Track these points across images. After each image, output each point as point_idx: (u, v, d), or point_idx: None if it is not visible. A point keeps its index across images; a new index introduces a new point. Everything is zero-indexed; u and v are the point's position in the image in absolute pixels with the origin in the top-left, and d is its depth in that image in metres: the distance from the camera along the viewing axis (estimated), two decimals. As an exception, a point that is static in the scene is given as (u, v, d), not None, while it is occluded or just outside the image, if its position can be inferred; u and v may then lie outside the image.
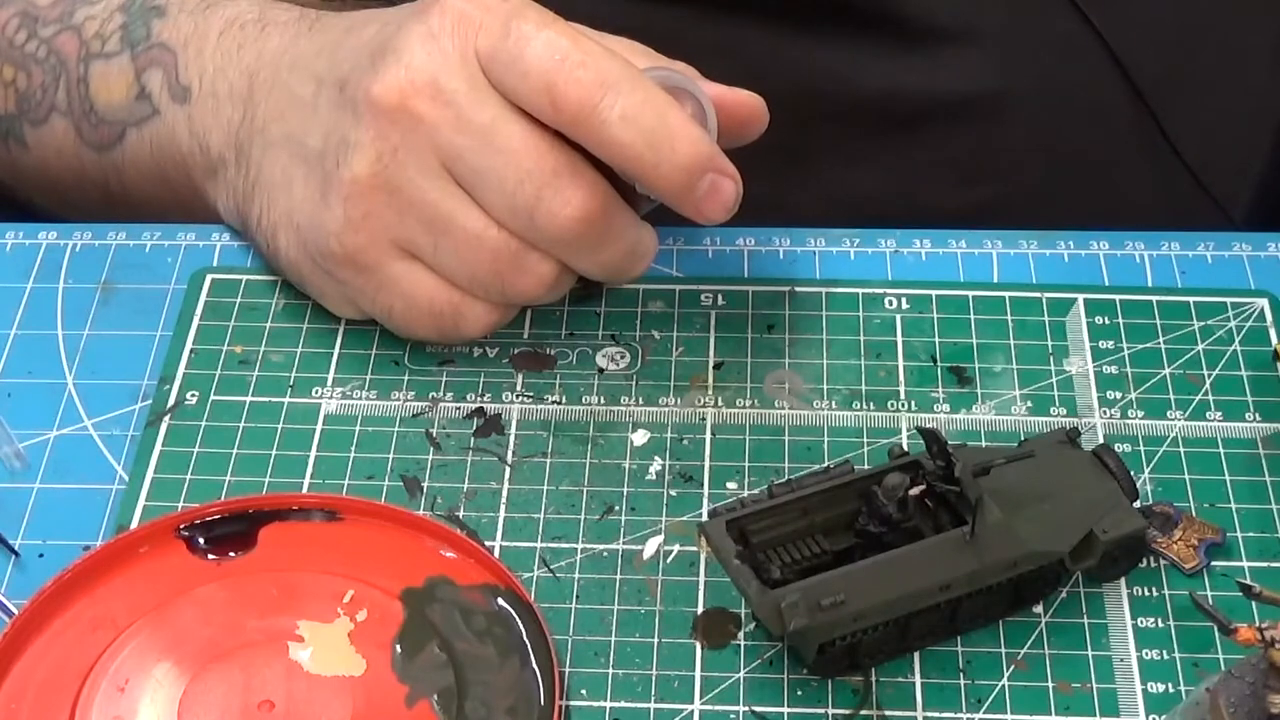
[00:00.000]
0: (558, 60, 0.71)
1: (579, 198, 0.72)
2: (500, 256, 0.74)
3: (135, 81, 0.83)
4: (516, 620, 0.68)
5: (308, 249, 0.77)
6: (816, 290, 0.81)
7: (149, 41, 0.84)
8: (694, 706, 0.67)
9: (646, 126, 0.71)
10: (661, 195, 0.73)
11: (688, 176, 0.72)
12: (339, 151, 0.74)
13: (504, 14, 0.73)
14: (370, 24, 0.77)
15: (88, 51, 0.85)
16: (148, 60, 0.83)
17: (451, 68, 0.73)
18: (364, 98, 0.73)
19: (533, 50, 0.72)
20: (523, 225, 0.73)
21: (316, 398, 0.77)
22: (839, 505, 0.68)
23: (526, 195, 0.72)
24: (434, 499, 0.73)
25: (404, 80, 0.73)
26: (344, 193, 0.74)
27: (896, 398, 0.77)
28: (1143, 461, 0.74)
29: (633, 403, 0.77)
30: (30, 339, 0.80)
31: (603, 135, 0.71)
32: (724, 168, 0.73)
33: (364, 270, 0.75)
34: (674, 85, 0.73)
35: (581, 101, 0.71)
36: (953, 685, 0.67)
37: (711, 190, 0.72)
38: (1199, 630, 0.68)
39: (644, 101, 0.71)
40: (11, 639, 0.67)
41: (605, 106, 0.71)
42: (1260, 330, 0.79)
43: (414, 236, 0.74)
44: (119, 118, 0.84)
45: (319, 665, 0.66)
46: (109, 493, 0.73)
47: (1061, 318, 0.80)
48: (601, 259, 0.75)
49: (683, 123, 0.72)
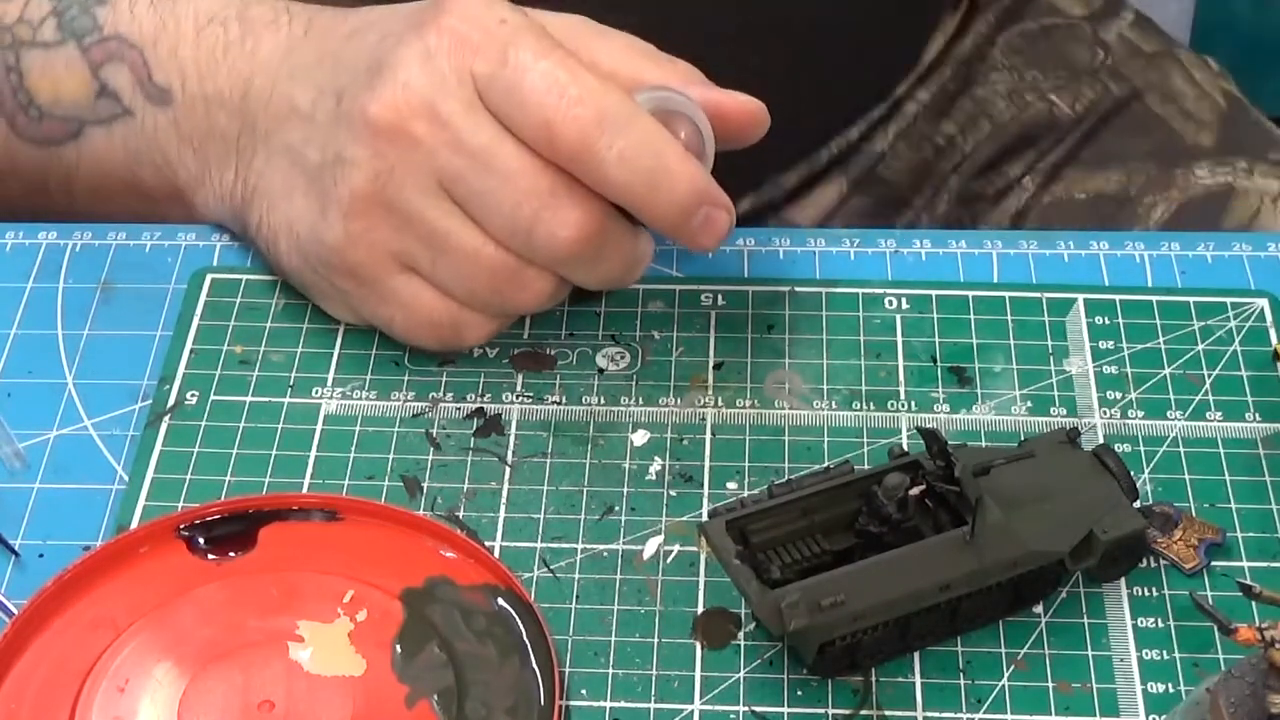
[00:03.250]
0: (556, 95, 0.71)
1: (576, 217, 0.72)
2: (498, 273, 0.74)
3: (93, 77, 0.82)
4: (516, 620, 0.68)
5: (309, 259, 0.77)
6: (816, 290, 0.81)
7: (100, 33, 0.82)
8: (694, 706, 0.67)
9: (644, 166, 0.71)
10: (657, 229, 0.74)
11: (683, 214, 0.73)
12: (336, 167, 0.74)
13: (501, 39, 0.72)
14: (369, 31, 0.77)
15: (14, 38, 0.82)
16: (103, 54, 0.81)
17: (448, 89, 0.73)
18: (360, 115, 0.73)
19: (530, 82, 0.72)
20: (521, 244, 0.73)
21: (316, 398, 0.77)
22: (839, 505, 0.68)
23: (524, 216, 0.72)
24: (434, 499, 0.73)
25: (400, 100, 0.73)
26: (342, 208, 0.74)
27: (896, 398, 0.77)
28: (1143, 461, 0.74)
29: (633, 403, 0.77)
30: (30, 339, 0.80)
31: (600, 174, 0.72)
32: (718, 199, 0.73)
33: (365, 282, 0.76)
34: (670, 110, 0.74)
35: (579, 140, 0.71)
36: (953, 685, 0.67)
37: (706, 223, 0.73)
38: (1199, 630, 0.68)
39: (641, 141, 0.71)
40: (11, 639, 0.67)
41: (603, 146, 0.71)
42: (1260, 330, 0.79)
43: (412, 252, 0.74)
44: (73, 114, 0.82)
45: (319, 665, 0.66)
46: (109, 493, 0.73)
47: (1061, 318, 0.80)
48: (599, 273, 0.75)
49: (679, 160, 0.72)
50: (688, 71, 0.76)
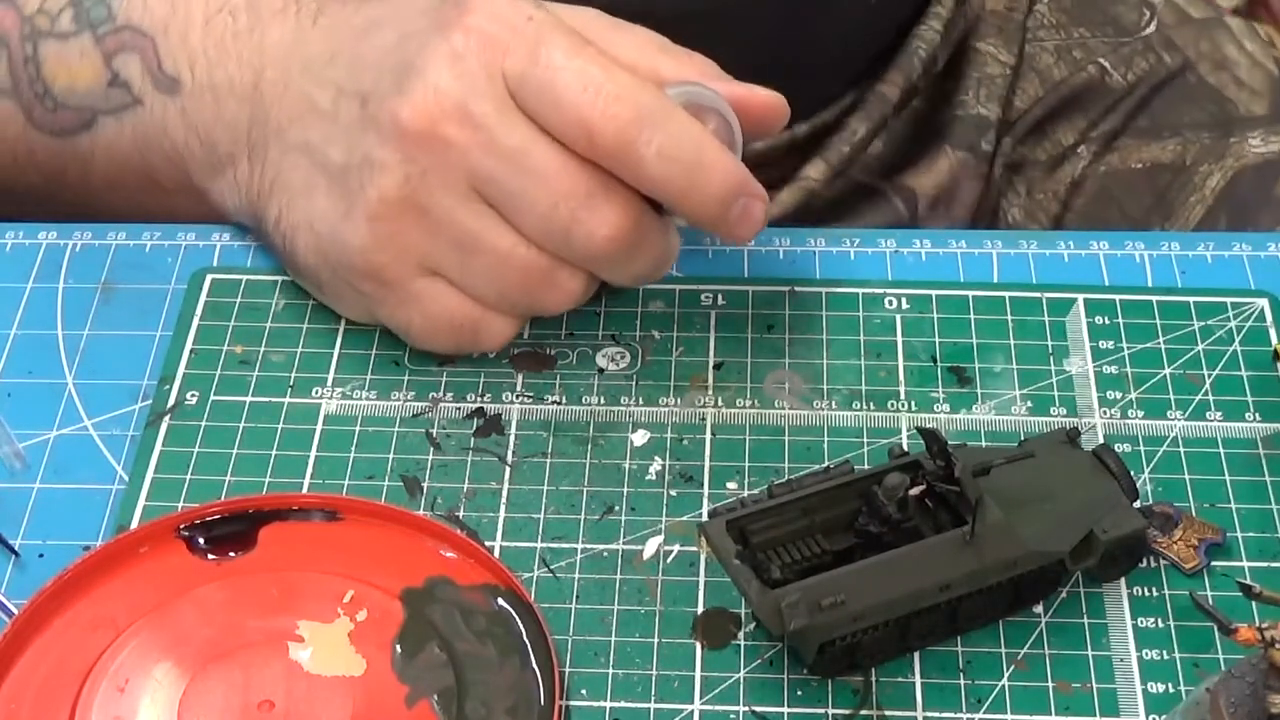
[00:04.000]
0: (592, 93, 0.71)
1: (614, 215, 0.72)
2: (530, 274, 0.74)
3: (105, 66, 0.82)
4: (516, 620, 0.68)
5: (328, 259, 0.76)
6: (816, 290, 0.81)
7: (114, 23, 0.82)
8: (694, 706, 0.67)
9: (683, 162, 0.72)
10: (694, 223, 0.74)
11: (722, 206, 0.73)
12: (363, 170, 0.74)
13: (531, 38, 0.72)
14: (384, 29, 0.76)
15: (33, 29, 0.82)
16: (117, 44, 0.81)
17: (480, 91, 0.72)
18: (390, 120, 0.73)
19: (564, 81, 0.71)
20: (557, 244, 0.73)
21: (316, 398, 0.77)
22: (839, 505, 0.68)
23: (562, 217, 0.72)
24: (434, 499, 0.73)
25: (432, 104, 0.72)
26: (369, 212, 0.74)
27: (896, 398, 0.77)
28: (1143, 461, 0.74)
29: (633, 403, 0.77)
30: (30, 339, 0.80)
31: (639, 171, 0.72)
32: (754, 190, 0.74)
33: (386, 285, 0.75)
34: (700, 104, 0.74)
35: (618, 138, 0.71)
36: (953, 685, 0.67)
37: (743, 214, 0.73)
38: (1199, 630, 0.68)
39: (679, 136, 0.72)
40: (11, 639, 0.67)
41: (643, 143, 0.71)
42: (1260, 330, 0.79)
43: (441, 256, 0.74)
44: (86, 103, 0.82)
45: (319, 665, 0.66)
46: (109, 493, 0.73)
47: (1061, 318, 0.80)
48: (632, 270, 0.75)
49: (717, 154, 0.72)
50: (704, 64, 0.76)
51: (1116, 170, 1.03)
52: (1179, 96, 1.04)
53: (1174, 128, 1.03)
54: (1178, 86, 1.04)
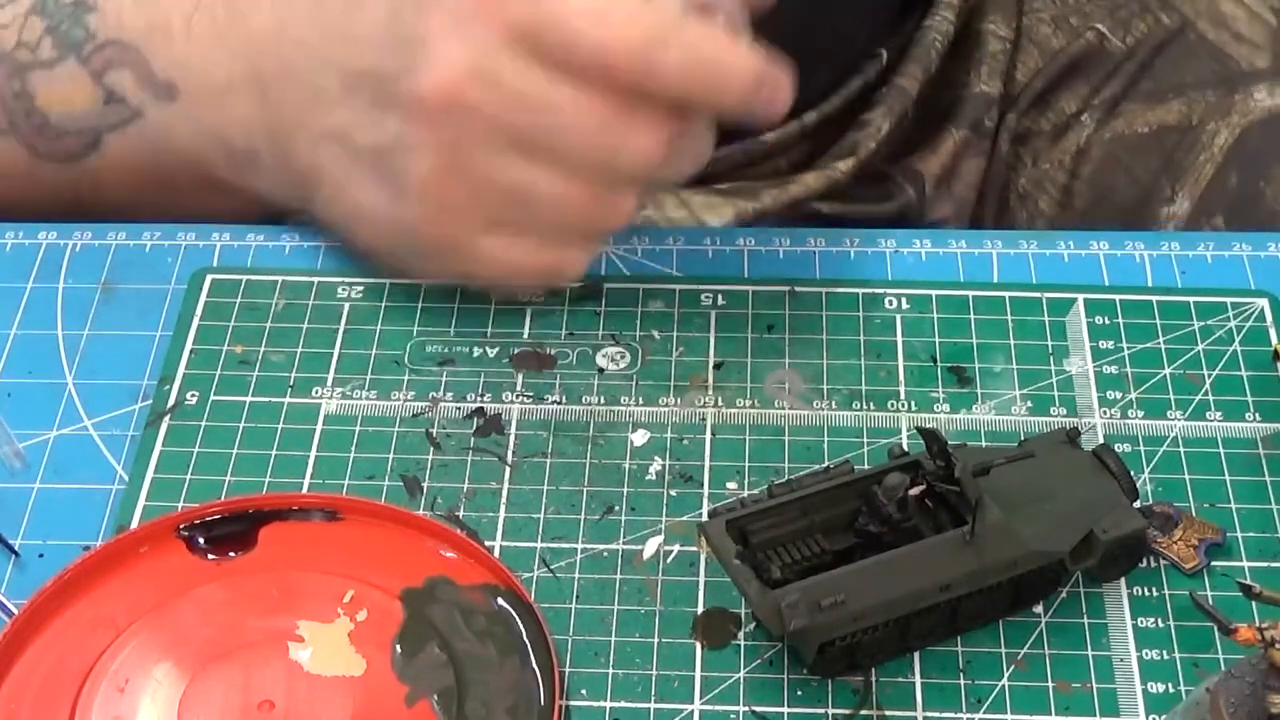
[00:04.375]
0: (600, 24, 0.71)
1: (651, 130, 0.73)
2: (588, 205, 0.74)
3: (97, 85, 0.81)
4: (516, 620, 0.68)
5: (390, 240, 0.77)
6: (816, 290, 0.81)
7: (95, 41, 0.81)
8: (694, 706, 0.67)
9: (704, 69, 0.72)
10: (724, 117, 0.75)
11: (749, 96, 0.73)
12: (397, 152, 0.74)
13: None
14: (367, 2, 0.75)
15: (16, 64, 0.82)
16: (103, 61, 0.81)
17: (489, 48, 0.72)
18: (411, 98, 0.73)
19: (569, 18, 0.71)
20: (605, 173, 0.74)
21: (316, 398, 0.77)
22: (839, 505, 0.68)
23: (605, 146, 0.73)
24: (434, 499, 0.73)
25: (447, 74, 0.72)
26: (416, 190, 0.74)
27: (896, 398, 0.77)
28: (1143, 461, 0.74)
29: (633, 403, 0.77)
30: (30, 339, 0.80)
31: (664, 88, 0.72)
32: (773, 72, 0.74)
33: (453, 250, 0.76)
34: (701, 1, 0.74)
35: (635, 62, 0.71)
36: (953, 685, 0.67)
37: (771, 95, 0.74)
38: (1199, 630, 0.68)
39: (694, 45, 0.72)
40: (11, 639, 0.67)
41: (660, 62, 0.71)
42: (1260, 330, 0.79)
43: (498, 212, 0.74)
44: (87, 125, 0.82)
45: (319, 665, 0.66)
46: (109, 493, 0.73)
47: (1061, 318, 0.80)
48: (680, 168, 0.76)
49: (734, 52, 0.72)
50: None
51: (1123, 135, 1.02)
52: (1180, 56, 1.03)
53: (1178, 88, 1.03)
54: (1178, 46, 1.04)
